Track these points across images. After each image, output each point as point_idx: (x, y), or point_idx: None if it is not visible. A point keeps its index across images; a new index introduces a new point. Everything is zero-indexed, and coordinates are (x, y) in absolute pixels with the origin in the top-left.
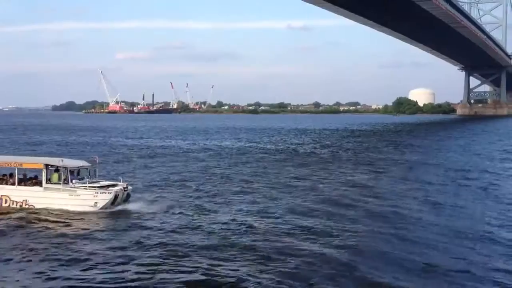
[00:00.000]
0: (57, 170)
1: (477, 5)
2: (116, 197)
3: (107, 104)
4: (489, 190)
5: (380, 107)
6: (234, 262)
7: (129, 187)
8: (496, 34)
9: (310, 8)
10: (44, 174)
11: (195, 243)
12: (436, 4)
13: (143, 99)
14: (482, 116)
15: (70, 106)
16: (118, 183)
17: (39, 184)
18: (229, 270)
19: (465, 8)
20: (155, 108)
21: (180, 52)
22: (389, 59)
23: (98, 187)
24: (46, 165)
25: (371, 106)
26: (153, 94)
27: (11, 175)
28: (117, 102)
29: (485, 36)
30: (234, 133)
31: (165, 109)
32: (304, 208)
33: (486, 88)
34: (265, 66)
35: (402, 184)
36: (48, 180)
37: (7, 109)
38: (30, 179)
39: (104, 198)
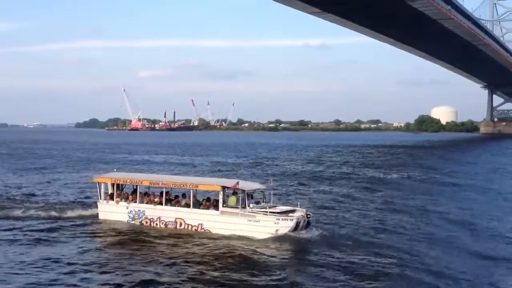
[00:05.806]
0: (235, 193)
1: (500, 23)
2: (297, 224)
3: (129, 121)
4: None
5: (402, 125)
6: None
7: (310, 214)
8: None
9: (327, 27)
10: (221, 196)
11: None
12: (458, 23)
13: (165, 116)
14: (506, 134)
15: (93, 123)
16: (297, 208)
17: (215, 207)
18: None
19: (488, 26)
20: (176, 125)
21: (199, 70)
22: (409, 76)
23: (279, 213)
24: (223, 187)
25: (392, 124)
26: (174, 112)
27: (184, 196)
28: (139, 120)
29: (508, 54)
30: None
31: (186, 126)
32: None
33: (510, 106)
34: (284, 84)
35: None
36: (224, 203)
37: (31, 126)
38: (203, 201)
39: (286, 225)
